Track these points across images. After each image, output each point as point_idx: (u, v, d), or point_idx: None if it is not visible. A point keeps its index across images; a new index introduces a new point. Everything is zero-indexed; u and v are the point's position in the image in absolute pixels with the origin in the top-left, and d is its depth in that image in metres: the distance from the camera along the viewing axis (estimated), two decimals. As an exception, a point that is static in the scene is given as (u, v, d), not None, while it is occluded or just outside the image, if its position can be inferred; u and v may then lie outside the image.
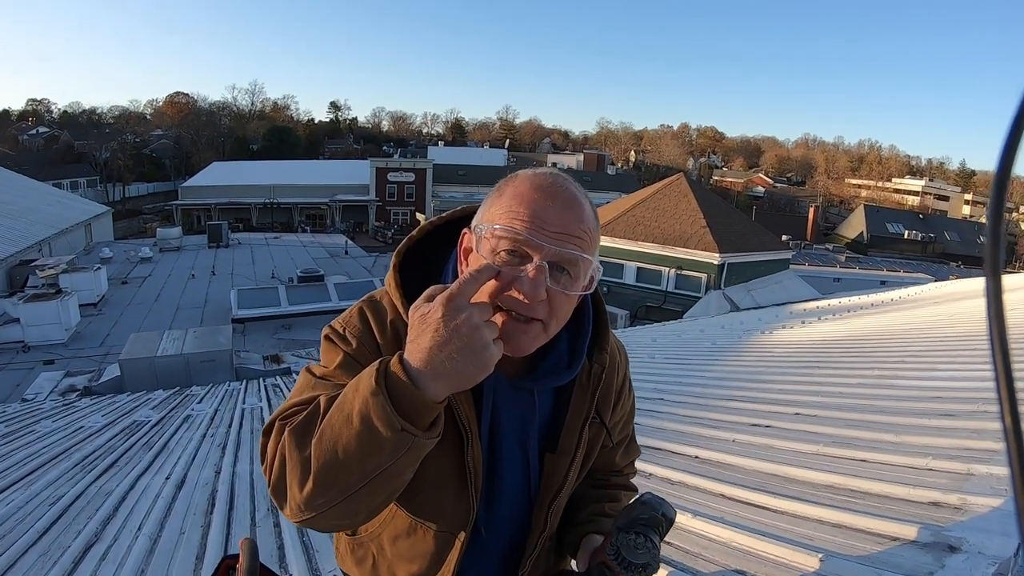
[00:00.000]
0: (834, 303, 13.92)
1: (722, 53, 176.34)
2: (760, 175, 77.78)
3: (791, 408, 3.74)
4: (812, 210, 50.02)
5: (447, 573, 1.06)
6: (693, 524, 2.24)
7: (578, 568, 1.17)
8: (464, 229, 0.96)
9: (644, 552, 1.03)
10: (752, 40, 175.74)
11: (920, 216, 52.59)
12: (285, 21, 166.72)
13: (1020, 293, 8.68)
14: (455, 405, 0.95)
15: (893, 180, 74.11)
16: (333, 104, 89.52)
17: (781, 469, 2.67)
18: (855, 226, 49.61)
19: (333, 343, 1.00)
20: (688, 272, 21.34)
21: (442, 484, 1.00)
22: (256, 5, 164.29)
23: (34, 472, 4.80)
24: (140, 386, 9.99)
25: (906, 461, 2.47)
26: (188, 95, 74.77)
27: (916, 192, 68.42)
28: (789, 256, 24.80)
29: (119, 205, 47.31)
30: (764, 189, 71.29)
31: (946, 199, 65.80)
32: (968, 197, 65.90)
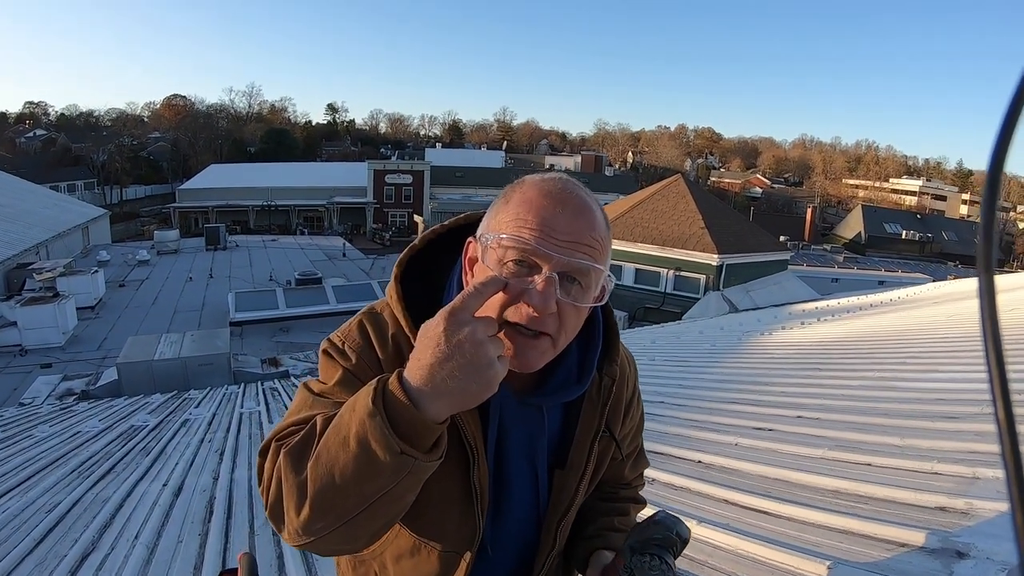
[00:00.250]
0: (833, 304, 13.92)
1: (719, 54, 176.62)
2: (758, 176, 77.80)
3: (793, 411, 3.72)
4: (810, 211, 50.14)
5: None
6: (699, 531, 2.21)
7: None
8: (469, 238, 0.93)
9: (658, 575, 1.00)
10: (749, 41, 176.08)
11: (918, 216, 52.66)
12: (282, 23, 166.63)
13: (1019, 293, 8.67)
14: (461, 424, 0.91)
15: (890, 180, 74.17)
16: (330, 106, 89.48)
17: (785, 474, 2.65)
18: (853, 226, 49.67)
19: (332, 358, 0.96)
20: (686, 273, 21.32)
21: (447, 504, 0.96)
22: (253, 7, 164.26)
23: (31, 478, 4.77)
24: (138, 390, 9.98)
25: (911, 465, 2.45)
26: (185, 97, 74.82)
27: (913, 192, 68.50)
28: (787, 257, 24.80)
29: (116, 208, 47.20)
30: (762, 190, 71.31)
31: (943, 199, 65.86)
32: (965, 197, 65.97)
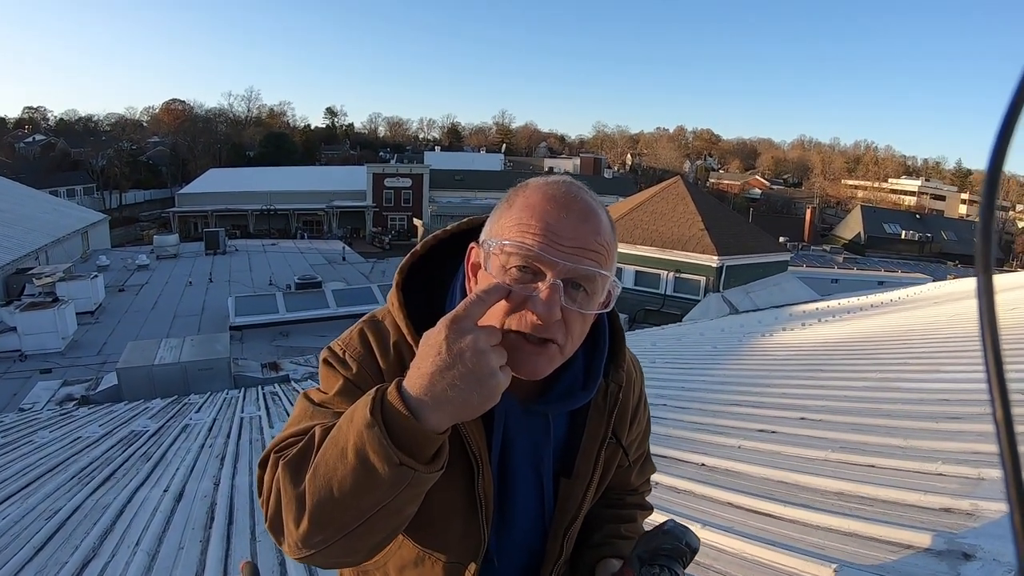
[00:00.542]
0: (833, 304, 13.91)
1: (718, 55, 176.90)
2: (757, 177, 77.90)
3: (796, 412, 3.71)
4: (809, 211, 50.22)
5: None
6: (702, 535, 2.20)
7: None
8: (471, 243, 0.91)
9: None
10: (748, 42, 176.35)
11: (917, 216, 52.73)
12: (281, 28, 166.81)
13: (1019, 292, 8.67)
14: (465, 433, 0.90)
15: (889, 180, 74.30)
16: (329, 110, 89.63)
17: (789, 476, 2.64)
18: (852, 227, 49.74)
19: (332, 367, 0.94)
20: (686, 275, 21.33)
21: (451, 514, 0.95)
22: (252, 12, 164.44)
23: (31, 484, 4.76)
24: (138, 395, 9.96)
25: (915, 466, 2.44)
26: (184, 102, 74.88)
27: (913, 192, 68.60)
28: (787, 258, 24.80)
29: (116, 212, 47.25)
30: (761, 191, 71.39)
31: (942, 199, 65.95)
32: (965, 196, 66.07)
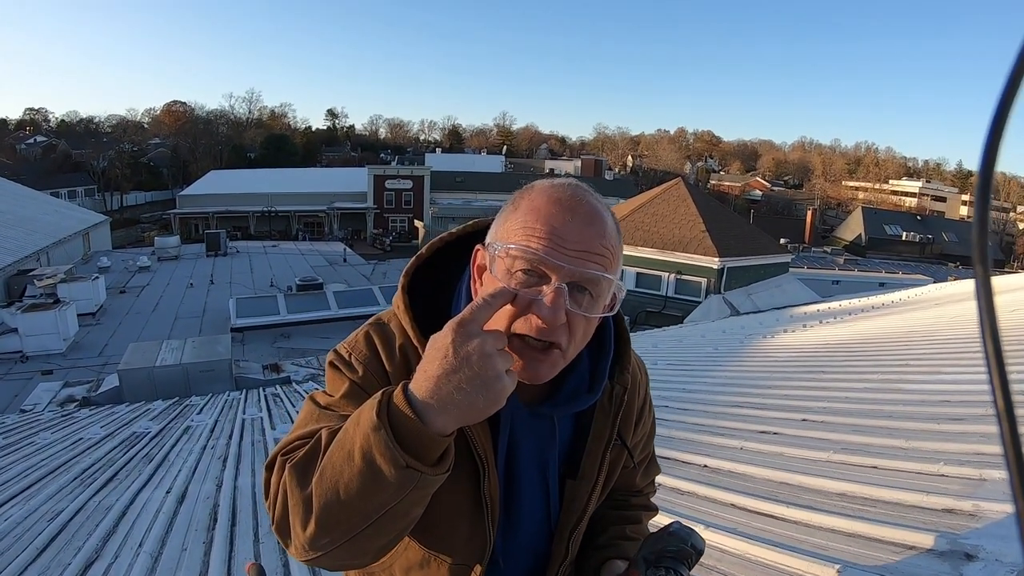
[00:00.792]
0: (834, 306, 13.93)
1: (718, 57, 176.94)
2: (757, 179, 77.94)
3: (798, 414, 3.71)
4: (810, 213, 50.23)
5: None
6: (706, 536, 2.18)
7: None
8: (477, 245, 0.91)
9: None
10: (748, 44, 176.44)
11: (918, 217, 52.72)
12: (282, 30, 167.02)
13: (1020, 294, 8.67)
14: (471, 435, 0.90)
15: (890, 182, 74.26)
16: (330, 112, 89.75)
17: (792, 477, 2.65)
18: (853, 228, 49.73)
19: (338, 370, 0.95)
20: (688, 277, 21.36)
21: (457, 516, 0.95)
22: (253, 14, 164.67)
23: (33, 486, 4.76)
24: (139, 396, 9.97)
25: (918, 467, 2.45)
26: (185, 104, 74.91)
27: (913, 193, 68.58)
28: (788, 259, 24.83)
29: (117, 214, 47.36)
30: (762, 192, 71.42)
31: (943, 200, 65.91)
32: (965, 198, 65.94)
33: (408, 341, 0.94)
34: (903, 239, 47.44)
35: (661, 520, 1.18)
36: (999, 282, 12.34)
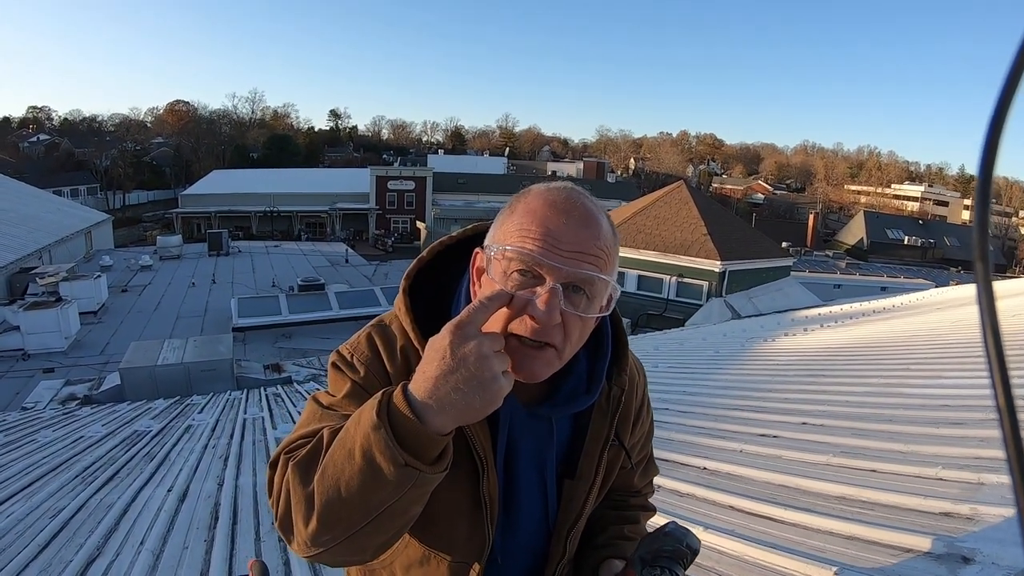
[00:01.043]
0: (836, 310, 13.93)
1: (721, 60, 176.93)
2: (760, 182, 77.95)
3: (798, 418, 3.72)
4: (812, 217, 50.08)
5: None
6: (704, 538, 2.21)
7: None
8: (476, 248, 0.93)
9: None
10: (751, 47, 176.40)
11: (920, 222, 52.70)
12: (285, 30, 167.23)
13: (1021, 299, 8.67)
14: (470, 435, 0.92)
15: (892, 186, 74.28)
16: (333, 112, 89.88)
17: (791, 480, 2.66)
18: (855, 232, 49.68)
19: (340, 371, 0.96)
20: (689, 280, 21.34)
21: (457, 515, 0.97)
22: (256, 14, 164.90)
23: (34, 483, 4.77)
24: (140, 395, 9.99)
25: (916, 471, 2.45)
26: (188, 103, 75.01)
27: (915, 198, 68.57)
28: (790, 263, 24.82)
29: (119, 213, 47.33)
30: (764, 196, 71.40)
31: (945, 204, 65.85)
32: (967, 202, 65.74)
33: (409, 342, 0.96)
34: (905, 243, 47.40)
35: (658, 521, 1.19)
36: (1000, 287, 12.34)
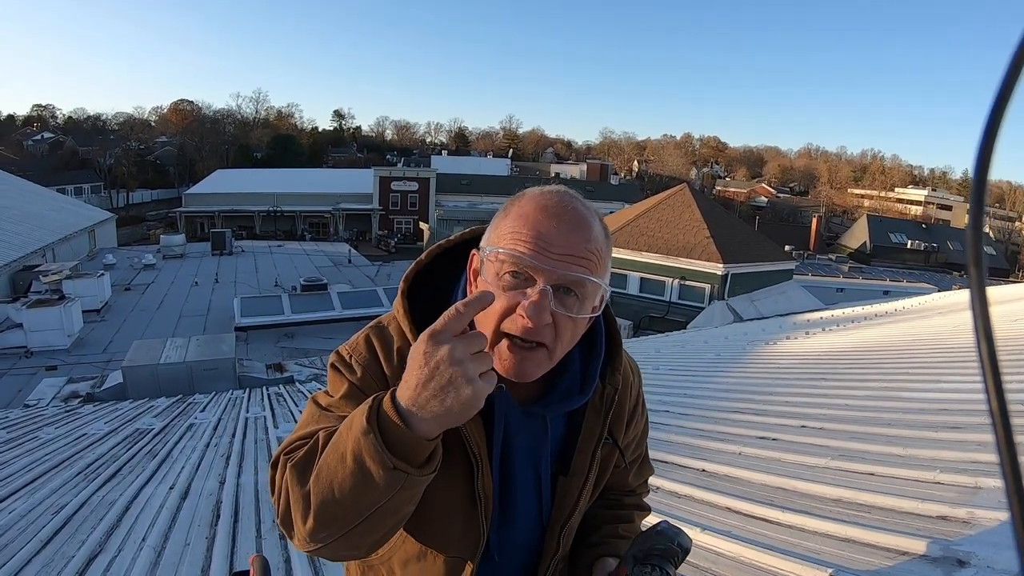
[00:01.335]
0: (838, 314, 13.91)
1: (725, 63, 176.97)
2: (763, 185, 77.84)
3: (797, 420, 3.72)
4: (815, 220, 50.01)
5: None
6: (701, 539, 2.23)
7: None
8: (473, 250, 0.95)
9: None
10: (755, 50, 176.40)
11: (923, 226, 52.55)
12: (289, 30, 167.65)
13: (1022, 304, 8.66)
14: (465, 433, 0.94)
15: (896, 190, 74.15)
16: (337, 113, 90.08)
17: (788, 483, 2.66)
18: (858, 236, 49.60)
19: (339, 371, 0.99)
20: (691, 282, 21.34)
21: (452, 511, 0.99)
22: (261, 14, 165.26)
23: (36, 480, 4.79)
24: (143, 393, 10.02)
25: (914, 474, 2.46)
26: (192, 102, 75.27)
27: (919, 202, 68.40)
28: (792, 266, 24.78)
29: (123, 211, 47.48)
30: (767, 199, 71.31)
31: (949, 208, 65.59)
32: (971, 207, 65.63)
33: (406, 344, 0.97)
34: (908, 247, 47.30)
35: (654, 521, 1.21)
36: (1003, 292, 12.32)
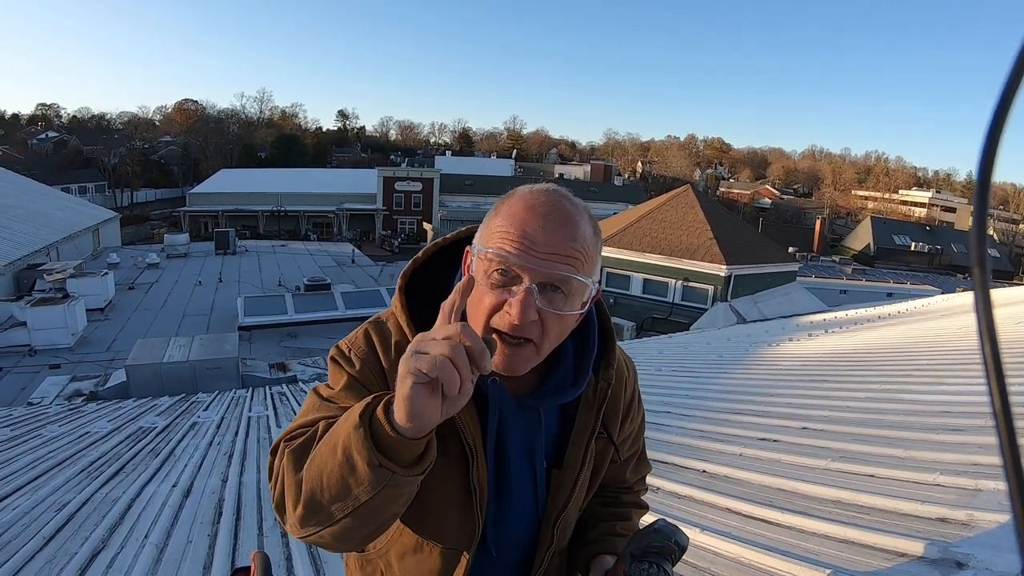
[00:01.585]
0: (841, 316, 13.89)
1: (729, 64, 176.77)
2: (767, 187, 77.57)
3: (798, 422, 3.73)
4: (819, 222, 49.90)
5: None
6: (701, 539, 2.24)
7: None
8: (467, 247, 0.97)
9: None
10: (759, 51, 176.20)
11: (927, 228, 52.35)
12: (294, 30, 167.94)
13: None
14: (460, 425, 0.96)
15: (900, 192, 73.91)
16: (341, 113, 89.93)
17: (789, 484, 2.67)
18: (862, 238, 49.46)
19: (338, 364, 1.01)
20: (695, 284, 21.33)
21: (448, 503, 1.01)
22: (265, 14, 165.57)
23: (40, 477, 4.82)
24: (146, 392, 10.06)
25: (914, 476, 2.46)
26: (197, 102, 75.52)
27: (923, 204, 68.16)
28: (796, 268, 24.75)
29: (127, 211, 47.53)
30: (771, 200, 71.08)
31: (953, 211, 65.36)
32: (975, 209, 65.35)
33: (404, 338, 1.00)
34: (912, 249, 47.13)
35: (651, 519, 1.22)
36: (1007, 294, 12.29)
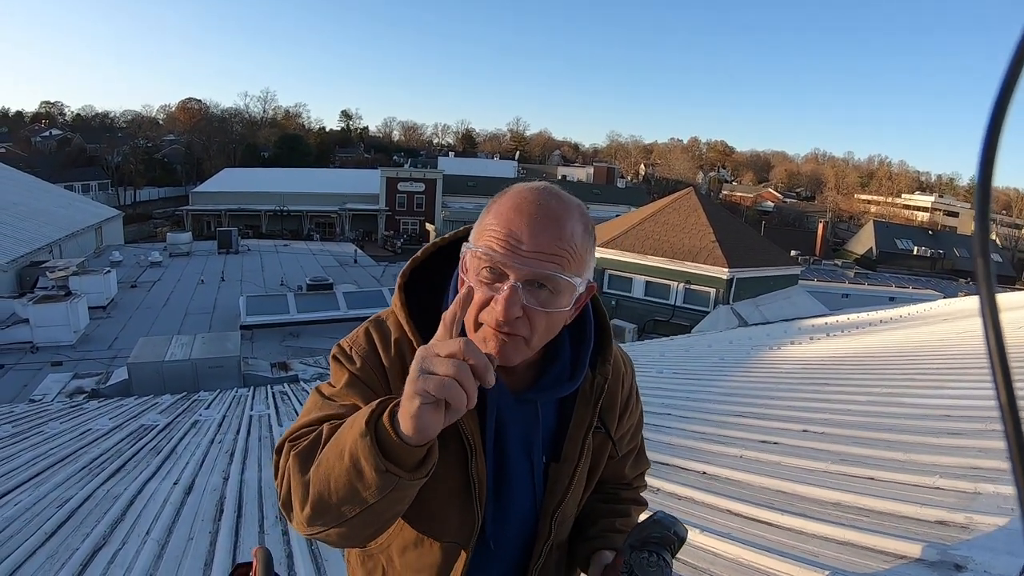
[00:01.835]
0: (843, 319, 13.88)
1: (732, 67, 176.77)
2: (769, 190, 77.48)
3: (799, 425, 3.73)
4: (821, 225, 49.81)
5: None
6: (701, 540, 2.24)
7: None
8: (463, 245, 0.99)
9: (656, 571, 1.05)
10: (762, 54, 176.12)
11: (929, 232, 52.23)
12: (298, 30, 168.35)
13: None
14: (459, 421, 0.96)
15: (903, 196, 73.86)
16: (344, 113, 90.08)
17: (788, 486, 2.68)
18: (864, 242, 49.37)
19: (340, 362, 1.03)
20: (697, 286, 21.34)
21: (448, 497, 1.03)
22: (269, 14, 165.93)
23: (42, 474, 4.83)
24: (148, 390, 10.07)
25: (914, 479, 2.47)
26: (200, 101, 75.60)
27: (926, 208, 68.08)
28: (798, 271, 24.72)
29: (130, 209, 47.54)
30: (773, 204, 70.98)
31: (956, 215, 65.22)
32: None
33: (404, 336, 1.02)
34: (914, 254, 47.03)
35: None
36: (1010, 299, 12.27)
